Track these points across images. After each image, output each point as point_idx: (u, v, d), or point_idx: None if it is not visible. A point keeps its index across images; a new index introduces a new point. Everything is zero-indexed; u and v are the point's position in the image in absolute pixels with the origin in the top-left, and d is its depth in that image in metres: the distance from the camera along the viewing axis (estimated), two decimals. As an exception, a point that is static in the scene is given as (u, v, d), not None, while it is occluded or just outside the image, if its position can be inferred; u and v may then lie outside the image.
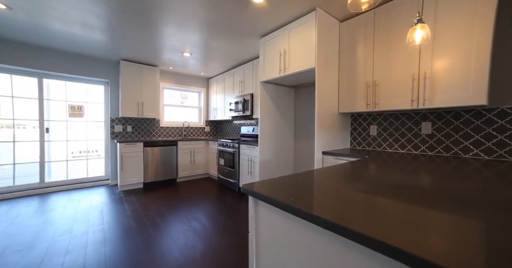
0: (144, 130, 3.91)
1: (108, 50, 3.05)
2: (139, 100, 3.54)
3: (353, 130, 2.31)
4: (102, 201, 2.75)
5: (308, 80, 2.53)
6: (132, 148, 3.26)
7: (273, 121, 2.74)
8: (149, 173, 3.45)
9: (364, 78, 1.90)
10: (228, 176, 3.39)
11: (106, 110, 3.56)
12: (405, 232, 0.44)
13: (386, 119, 2.03)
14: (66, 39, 2.68)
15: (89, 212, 2.39)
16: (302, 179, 0.90)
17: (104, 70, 3.43)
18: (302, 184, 0.84)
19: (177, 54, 3.19)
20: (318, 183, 0.87)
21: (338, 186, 0.82)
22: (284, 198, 0.65)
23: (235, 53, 3.11)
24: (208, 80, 4.70)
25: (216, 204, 2.68)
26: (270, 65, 2.41)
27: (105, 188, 3.30)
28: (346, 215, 0.54)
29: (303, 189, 0.79)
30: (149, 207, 2.55)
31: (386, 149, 2.03)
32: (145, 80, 3.60)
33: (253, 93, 3.30)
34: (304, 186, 0.82)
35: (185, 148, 3.82)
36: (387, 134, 2.02)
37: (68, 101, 3.27)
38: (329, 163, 1.92)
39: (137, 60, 3.46)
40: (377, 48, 1.79)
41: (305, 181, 0.88)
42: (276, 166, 2.79)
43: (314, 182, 0.88)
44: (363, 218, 0.53)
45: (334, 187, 0.82)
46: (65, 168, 3.28)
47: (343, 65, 2.08)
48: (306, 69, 2.00)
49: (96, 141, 3.54)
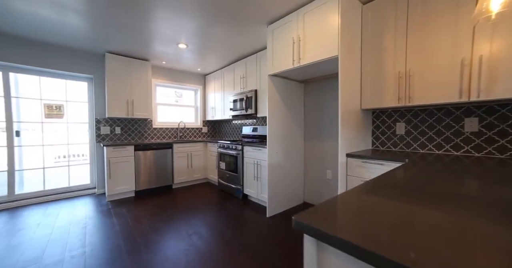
0: (135, 131, 3.53)
1: (90, 40, 2.67)
2: (128, 99, 3.16)
3: (375, 128, 2.06)
4: (86, 214, 2.37)
5: (323, 73, 2.25)
6: (121, 152, 2.89)
7: (282, 119, 2.45)
8: (142, 179, 3.08)
9: (394, 69, 1.64)
10: (230, 181, 3.07)
11: (90, 110, 3.16)
12: None
13: (416, 116, 1.78)
14: (34, 24, 2.26)
15: (68, 230, 2.00)
16: (387, 204, 0.61)
17: (86, 65, 3.03)
18: (400, 216, 0.53)
19: (171, 46, 2.85)
20: (429, 215, 0.57)
21: (472, 224, 0.53)
22: (396, 252, 0.35)
23: (237, 44, 2.80)
24: (205, 76, 4.36)
25: (219, 214, 2.35)
26: (281, 56, 2.11)
27: (90, 198, 2.90)
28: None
29: (413, 227, 0.45)
30: (142, 220, 2.20)
31: (417, 150, 1.78)
32: (135, 76, 3.23)
33: (257, 89, 3.01)
34: (406, 221, 0.49)
35: (181, 151, 3.47)
36: (418, 132, 1.77)
37: (44, 99, 2.84)
38: (355, 167, 1.65)
39: (125, 53, 3.09)
40: (411, 33, 1.54)
41: (401, 209, 0.58)
42: (286, 170, 2.51)
43: (419, 212, 0.58)
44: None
45: (462, 224, 0.53)
46: (41, 177, 2.85)
47: (366, 54, 1.82)
48: (326, 58, 1.72)
49: (79, 145, 3.14)
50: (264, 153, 2.49)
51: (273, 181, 2.35)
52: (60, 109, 2.91)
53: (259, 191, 2.61)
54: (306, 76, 2.38)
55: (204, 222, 2.16)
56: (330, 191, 2.46)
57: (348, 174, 1.70)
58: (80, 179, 3.13)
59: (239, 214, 2.37)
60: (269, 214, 2.33)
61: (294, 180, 2.62)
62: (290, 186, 2.56)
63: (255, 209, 2.52)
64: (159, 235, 1.90)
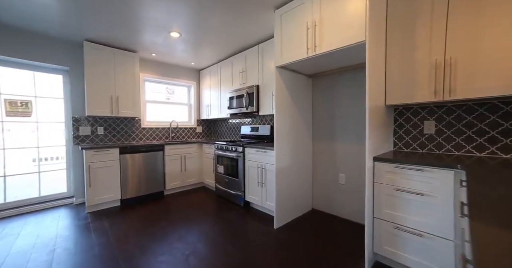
0: (121, 132, 3.14)
1: (64, 25, 2.27)
2: (112, 95, 2.77)
3: (397, 127, 1.82)
4: (58, 232, 1.96)
5: (338, 65, 1.99)
6: (104, 155, 2.50)
7: (290, 118, 2.18)
8: (129, 187, 2.71)
9: (429, 57, 1.40)
10: (229, 186, 2.76)
11: (66, 107, 2.74)
12: None
13: (450, 112, 1.55)
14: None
15: (28, 258, 1.55)
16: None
17: (61, 54, 2.61)
18: None
19: (162, 34, 2.49)
20: None
21: None
22: None
23: (237, 33, 2.49)
24: (200, 72, 4.01)
25: (220, 226, 2.04)
26: (292, 44, 1.83)
27: (66, 210, 2.50)
28: None
29: None
30: (128, 237, 1.85)
31: (451, 152, 1.55)
32: (120, 69, 2.84)
33: (259, 84, 2.71)
34: None
35: (173, 154, 3.12)
36: (452, 131, 1.55)
37: (3, 94, 2.38)
38: (384, 172, 1.40)
39: (108, 42, 2.70)
40: (454, 15, 1.30)
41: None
42: (294, 174, 2.23)
43: None
44: None
45: None
46: (1, 187, 2.39)
47: (393, 41, 1.57)
48: (349, 44, 1.45)
49: (54, 147, 2.71)
50: (270, 155, 2.21)
51: (281, 188, 2.07)
52: (28, 106, 2.47)
53: (264, 198, 2.32)
54: (318, 68, 2.11)
55: (203, 237, 1.85)
56: (344, 197, 2.21)
57: (376, 181, 1.44)
58: (55, 187, 2.71)
59: (242, 225, 2.07)
60: (277, 225, 2.05)
61: (302, 184, 2.35)
62: (298, 191, 2.29)
63: (260, 219, 2.23)
64: (148, 257, 1.57)
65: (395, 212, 1.36)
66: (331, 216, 2.28)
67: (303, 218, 2.25)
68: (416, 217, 1.26)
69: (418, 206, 1.26)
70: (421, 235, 1.23)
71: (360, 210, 2.07)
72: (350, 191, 2.16)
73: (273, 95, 2.47)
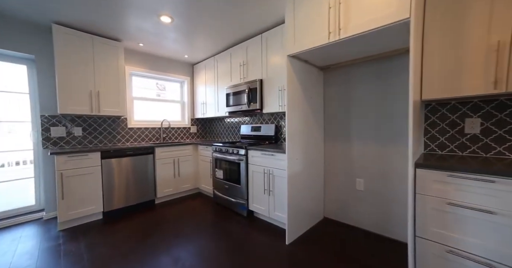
0: (104, 133, 2.73)
1: (25, 2, 1.85)
2: (92, 90, 2.37)
3: (429, 126, 1.57)
4: (12, 262, 1.51)
5: (361, 54, 1.70)
6: (81, 161, 2.11)
7: (303, 116, 1.89)
8: (114, 196, 2.32)
9: (487, 39, 1.14)
10: (229, 194, 2.44)
11: (33, 104, 2.31)
12: None
13: (502, 108, 1.31)
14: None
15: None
16: None
17: (23, 39, 2.16)
18: None
19: (151, 18, 2.12)
20: None
21: None
22: None
23: (237, 20, 2.16)
24: (194, 66, 3.64)
25: (222, 243, 1.71)
26: (308, 28, 1.53)
27: (33, 227, 2.08)
28: None
29: None
30: (109, 264, 1.49)
31: (504, 155, 1.31)
32: (100, 59, 2.43)
33: (263, 79, 2.40)
34: None
35: (165, 157, 2.75)
36: (504, 131, 1.30)
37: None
38: (431, 182, 1.13)
39: (84, 28, 2.29)
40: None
41: None
42: (306, 179, 1.94)
43: None
44: None
45: None
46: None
47: (436, 16, 1.29)
48: (386, 24, 1.17)
49: (18, 152, 2.28)
50: (279, 159, 1.91)
51: (293, 196, 1.77)
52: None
53: (272, 208, 2.02)
54: (333, 59, 1.83)
55: (203, 258, 1.51)
56: (363, 205, 1.95)
57: (418, 191, 1.18)
58: (20, 199, 2.27)
59: (248, 240, 1.76)
60: (290, 240, 1.75)
61: (314, 191, 2.07)
62: (310, 199, 2.01)
63: (267, 231, 1.92)
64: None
65: (448, 232, 1.09)
66: (346, 226, 2.01)
67: (316, 229, 1.97)
68: (480, 241, 1.00)
69: (483, 226, 1.00)
70: (490, 265, 0.97)
71: (384, 220, 1.81)
72: (371, 198, 1.90)
73: (283, 90, 2.17)
